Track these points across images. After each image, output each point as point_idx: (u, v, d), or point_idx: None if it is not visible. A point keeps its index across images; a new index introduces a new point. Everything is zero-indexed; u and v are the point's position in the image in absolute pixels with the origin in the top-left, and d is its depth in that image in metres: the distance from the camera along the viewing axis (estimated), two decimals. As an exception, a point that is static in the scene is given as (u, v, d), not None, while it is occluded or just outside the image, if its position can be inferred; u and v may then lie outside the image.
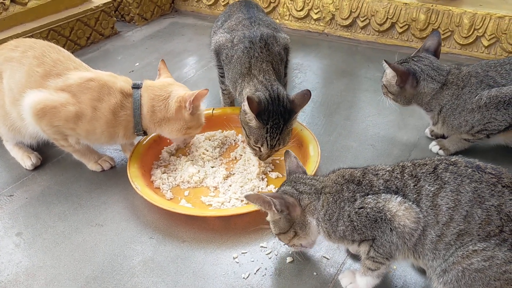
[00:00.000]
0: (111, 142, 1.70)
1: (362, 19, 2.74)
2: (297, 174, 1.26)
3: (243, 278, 1.31)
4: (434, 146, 1.82)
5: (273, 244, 1.41)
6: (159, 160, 1.81)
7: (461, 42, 2.53)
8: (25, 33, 2.42)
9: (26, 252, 1.42)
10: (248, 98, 1.49)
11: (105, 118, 1.57)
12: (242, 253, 1.40)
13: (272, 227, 1.24)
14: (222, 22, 1.98)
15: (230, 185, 1.65)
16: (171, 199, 1.61)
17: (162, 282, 1.31)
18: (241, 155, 1.80)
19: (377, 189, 1.10)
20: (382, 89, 1.77)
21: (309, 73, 2.46)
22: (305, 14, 2.91)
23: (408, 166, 1.12)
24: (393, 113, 2.06)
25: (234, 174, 1.71)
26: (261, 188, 1.63)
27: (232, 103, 2.09)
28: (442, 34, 2.51)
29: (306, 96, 1.59)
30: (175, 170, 1.74)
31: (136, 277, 1.33)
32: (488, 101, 1.59)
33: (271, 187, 1.64)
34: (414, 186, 1.07)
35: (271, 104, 1.55)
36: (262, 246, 1.42)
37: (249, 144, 1.65)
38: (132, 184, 1.57)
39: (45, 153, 1.85)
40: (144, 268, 1.36)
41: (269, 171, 1.72)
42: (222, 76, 1.95)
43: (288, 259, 1.36)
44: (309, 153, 1.69)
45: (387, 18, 2.66)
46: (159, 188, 1.65)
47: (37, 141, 1.76)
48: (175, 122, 1.65)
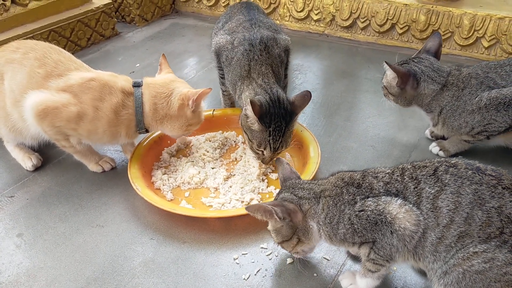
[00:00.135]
0: (113, 142, 1.70)
1: (362, 20, 2.74)
2: (293, 180, 1.25)
3: (244, 279, 1.32)
4: (434, 147, 1.82)
5: (274, 245, 1.41)
6: (160, 161, 1.81)
7: (461, 43, 2.54)
8: (26, 34, 2.42)
9: (27, 253, 1.43)
10: (251, 102, 1.49)
11: (107, 118, 1.57)
12: (243, 254, 1.40)
13: (274, 236, 1.23)
14: (223, 24, 1.98)
15: (231, 186, 1.65)
16: (172, 200, 1.61)
17: (163, 283, 1.31)
18: (242, 156, 1.80)
19: (377, 192, 1.11)
20: (383, 90, 1.78)
21: (310, 74, 2.46)
22: (306, 15, 2.91)
23: (408, 169, 1.12)
24: (393, 114, 2.06)
25: (235, 175, 1.71)
26: (262, 189, 1.64)
27: (233, 104, 2.09)
28: (442, 35, 2.51)
29: (306, 97, 1.59)
30: (176, 171, 1.74)
31: (137, 278, 1.33)
32: (488, 103, 1.59)
33: (272, 188, 1.64)
34: (414, 189, 1.08)
35: (272, 107, 1.55)
36: (263, 247, 1.42)
37: (252, 148, 1.65)
38: (133, 185, 1.57)
39: (46, 154, 1.85)
40: (145, 269, 1.36)
41: (270, 172, 1.73)
42: (223, 78, 1.95)
43: (289, 260, 1.36)
44: (309, 154, 1.69)
45: (387, 19, 2.67)
46: (160, 189, 1.65)
47: (38, 142, 1.76)
48: (177, 119, 1.65)
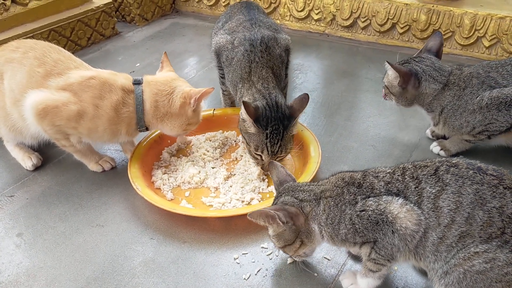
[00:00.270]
0: (114, 140, 1.69)
1: (363, 20, 2.74)
2: (291, 183, 1.25)
3: (244, 279, 1.31)
4: (435, 147, 1.82)
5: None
6: (160, 161, 1.81)
7: (462, 43, 2.53)
8: (26, 34, 2.42)
9: (27, 253, 1.42)
10: (244, 103, 1.50)
11: (107, 116, 1.57)
12: (243, 254, 1.40)
13: (276, 241, 1.22)
14: (223, 23, 1.98)
15: (231, 186, 1.65)
16: (172, 200, 1.61)
17: (163, 283, 1.31)
18: (242, 156, 1.80)
19: (378, 192, 1.10)
20: (384, 90, 1.77)
21: (310, 74, 2.46)
22: (306, 15, 2.91)
23: (409, 168, 1.12)
24: (394, 114, 2.06)
25: (235, 175, 1.71)
26: (262, 189, 1.63)
27: (233, 104, 2.09)
28: (443, 35, 2.51)
29: (304, 100, 1.59)
30: (176, 171, 1.74)
31: (137, 278, 1.33)
32: (490, 102, 1.59)
33: (272, 188, 1.64)
34: (415, 188, 1.07)
35: (269, 111, 1.56)
36: (263, 247, 1.42)
37: (250, 153, 1.65)
38: (133, 185, 1.57)
39: (46, 154, 1.85)
40: (145, 269, 1.36)
41: (270, 172, 1.72)
42: (223, 77, 1.95)
43: (289, 260, 1.36)
44: (310, 154, 1.69)
45: (388, 19, 2.66)
46: (160, 189, 1.65)
47: (38, 142, 1.76)
48: (178, 118, 1.64)
